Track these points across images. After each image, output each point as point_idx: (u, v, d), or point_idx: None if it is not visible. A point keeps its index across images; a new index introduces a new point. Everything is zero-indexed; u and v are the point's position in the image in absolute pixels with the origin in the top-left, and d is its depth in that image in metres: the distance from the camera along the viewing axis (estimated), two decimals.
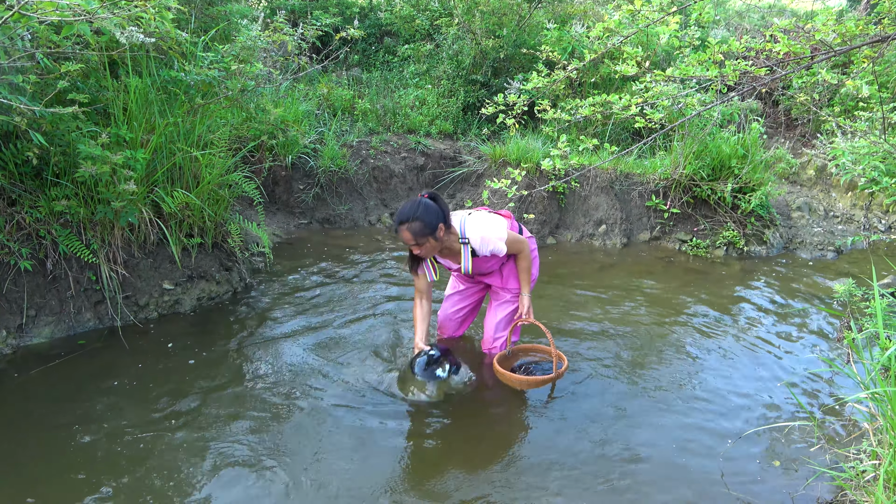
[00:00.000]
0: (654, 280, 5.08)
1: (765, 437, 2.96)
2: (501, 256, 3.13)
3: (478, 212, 3.16)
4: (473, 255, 3.08)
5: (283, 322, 3.91)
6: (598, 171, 6.22)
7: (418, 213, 2.82)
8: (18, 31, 2.82)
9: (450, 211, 3.00)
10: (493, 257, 3.12)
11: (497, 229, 3.03)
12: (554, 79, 3.58)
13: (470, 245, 3.04)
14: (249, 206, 5.47)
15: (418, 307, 3.24)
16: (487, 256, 3.09)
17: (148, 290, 3.84)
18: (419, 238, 2.86)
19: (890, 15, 2.88)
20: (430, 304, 3.28)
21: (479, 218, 3.06)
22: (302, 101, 6.69)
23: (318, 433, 2.84)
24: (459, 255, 3.10)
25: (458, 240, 3.04)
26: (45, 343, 3.46)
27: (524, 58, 7.74)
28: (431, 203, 2.88)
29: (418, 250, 2.95)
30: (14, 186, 3.39)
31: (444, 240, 2.96)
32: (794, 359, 3.80)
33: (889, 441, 2.34)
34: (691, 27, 4.82)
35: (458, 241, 3.05)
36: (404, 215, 2.84)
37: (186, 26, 4.46)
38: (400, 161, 6.89)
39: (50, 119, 3.13)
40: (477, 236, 3.00)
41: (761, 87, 3.24)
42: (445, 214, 2.92)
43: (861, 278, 5.06)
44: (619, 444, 2.87)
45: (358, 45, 8.94)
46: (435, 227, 2.86)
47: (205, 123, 4.03)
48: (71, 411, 2.90)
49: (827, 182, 7.59)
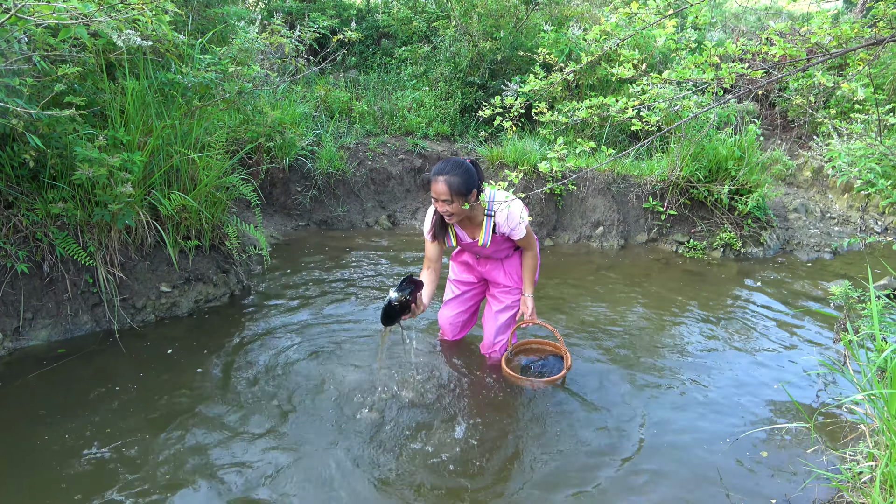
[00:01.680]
0: (651, 281, 5.09)
1: (761, 439, 2.97)
2: (509, 245, 3.16)
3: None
4: (493, 232, 3.08)
5: (280, 324, 3.91)
6: (596, 173, 6.23)
7: (460, 170, 2.78)
8: (15, 34, 2.81)
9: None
10: (506, 241, 3.14)
11: (522, 210, 3.05)
12: (551, 81, 3.58)
13: (494, 220, 3.03)
14: (247, 209, 5.46)
15: (426, 272, 3.16)
16: (504, 236, 3.09)
17: (145, 293, 3.83)
18: (453, 195, 2.78)
19: (885, 18, 2.89)
20: (438, 272, 3.21)
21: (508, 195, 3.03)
22: (299, 103, 6.69)
23: (317, 435, 2.83)
24: (479, 229, 3.08)
25: (484, 212, 3.04)
26: (42, 346, 3.45)
27: (521, 60, 7.75)
28: (472, 167, 2.87)
29: (444, 207, 2.86)
30: (11, 189, 3.39)
31: (471, 208, 2.93)
32: (790, 360, 3.81)
33: (886, 443, 2.35)
34: (688, 30, 4.83)
35: (482, 213, 3.05)
36: (446, 168, 2.79)
37: (184, 28, 4.46)
38: (397, 163, 6.89)
39: (47, 122, 3.12)
40: (504, 209, 2.99)
41: (757, 89, 3.25)
42: (481, 183, 2.90)
43: (857, 280, 5.08)
44: (615, 444, 2.88)
45: (355, 48, 8.95)
46: (471, 189, 2.82)
47: (202, 126, 4.03)
48: (68, 414, 2.89)
49: (823, 184, 7.61)
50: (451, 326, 3.57)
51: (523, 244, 3.20)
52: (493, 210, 3.02)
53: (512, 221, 3.02)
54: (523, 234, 3.08)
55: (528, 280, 3.30)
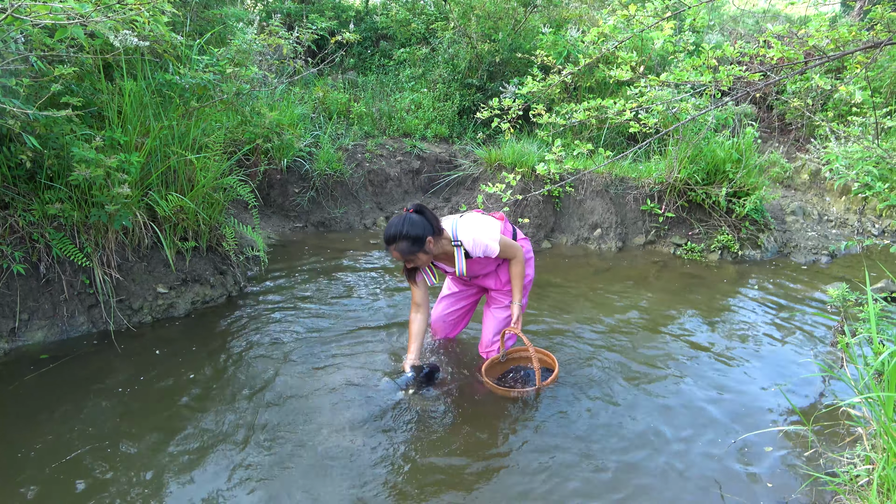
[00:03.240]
0: (649, 284, 5.09)
1: (759, 442, 2.96)
2: (495, 258, 3.14)
3: (470, 213, 3.18)
4: (467, 257, 3.09)
5: (277, 326, 3.90)
6: (594, 176, 6.23)
7: (404, 230, 2.86)
8: (12, 34, 2.80)
9: (439, 218, 3.03)
10: (487, 259, 3.14)
11: (489, 230, 3.06)
12: (549, 83, 3.58)
13: (463, 247, 3.05)
14: (244, 210, 5.46)
15: (414, 322, 3.25)
16: (481, 258, 3.11)
17: (142, 294, 3.82)
18: (408, 255, 2.92)
19: (882, 21, 2.90)
20: (427, 318, 3.30)
21: (471, 220, 3.09)
22: (297, 104, 6.69)
23: (315, 436, 2.83)
24: (454, 258, 3.10)
25: (451, 243, 3.05)
26: (38, 347, 3.44)
27: (520, 62, 7.76)
28: (416, 217, 2.91)
29: (411, 264, 3.02)
30: (7, 189, 3.38)
31: (437, 248, 2.99)
32: (788, 363, 3.81)
33: (883, 446, 2.35)
34: (686, 32, 4.84)
35: (450, 245, 3.06)
36: (390, 236, 2.90)
37: (181, 29, 4.46)
38: (395, 164, 6.89)
39: (44, 122, 3.12)
40: (469, 238, 3.02)
41: (755, 91, 3.25)
42: (433, 225, 2.94)
43: (855, 282, 5.08)
44: (613, 447, 2.87)
45: (354, 49, 8.95)
46: (423, 240, 2.89)
47: (199, 127, 4.02)
48: (64, 416, 2.88)
49: (821, 186, 7.62)
50: (442, 324, 3.58)
51: (506, 256, 3.18)
52: (458, 241, 3.04)
53: (479, 248, 3.04)
54: (498, 251, 3.07)
55: (516, 287, 3.28)
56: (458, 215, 3.15)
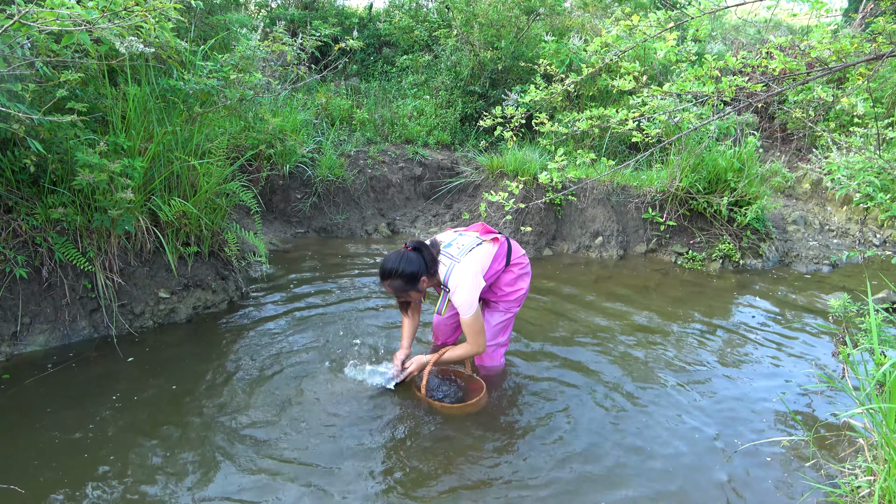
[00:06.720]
0: (650, 292, 5.09)
1: (760, 452, 2.95)
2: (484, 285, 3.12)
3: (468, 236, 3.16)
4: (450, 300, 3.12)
5: (279, 331, 3.90)
6: (595, 184, 6.24)
7: (399, 268, 2.91)
8: (18, 40, 2.82)
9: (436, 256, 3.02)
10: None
11: (474, 289, 2.97)
12: (551, 92, 3.59)
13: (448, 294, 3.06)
14: (246, 215, 5.47)
15: (406, 319, 3.34)
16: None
17: (143, 299, 3.83)
18: (400, 293, 3.00)
19: (884, 33, 2.91)
20: (418, 317, 3.39)
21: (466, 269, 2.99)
22: (300, 110, 6.71)
23: (314, 438, 2.82)
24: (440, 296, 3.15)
25: (440, 286, 3.08)
26: (40, 351, 3.44)
27: (522, 70, 7.79)
28: (414, 255, 2.94)
29: (403, 299, 3.14)
30: (11, 193, 3.39)
31: (429, 285, 3.05)
32: (788, 373, 3.80)
33: (884, 457, 2.34)
34: (688, 42, 4.86)
35: (439, 287, 3.10)
36: (386, 271, 2.94)
37: (186, 35, 4.48)
38: (397, 171, 6.91)
39: (48, 127, 3.13)
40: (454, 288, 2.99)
41: (757, 102, 3.26)
42: (429, 264, 2.96)
43: (856, 293, 5.08)
44: (612, 457, 2.86)
45: (357, 56, 8.98)
46: (417, 279, 2.94)
47: (203, 132, 4.04)
48: (66, 420, 2.88)
49: (822, 196, 7.63)
50: (444, 327, 3.60)
51: (464, 327, 3.04)
52: (447, 287, 3.02)
53: (457, 302, 2.97)
54: (467, 316, 2.97)
55: (449, 354, 3.14)
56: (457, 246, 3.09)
